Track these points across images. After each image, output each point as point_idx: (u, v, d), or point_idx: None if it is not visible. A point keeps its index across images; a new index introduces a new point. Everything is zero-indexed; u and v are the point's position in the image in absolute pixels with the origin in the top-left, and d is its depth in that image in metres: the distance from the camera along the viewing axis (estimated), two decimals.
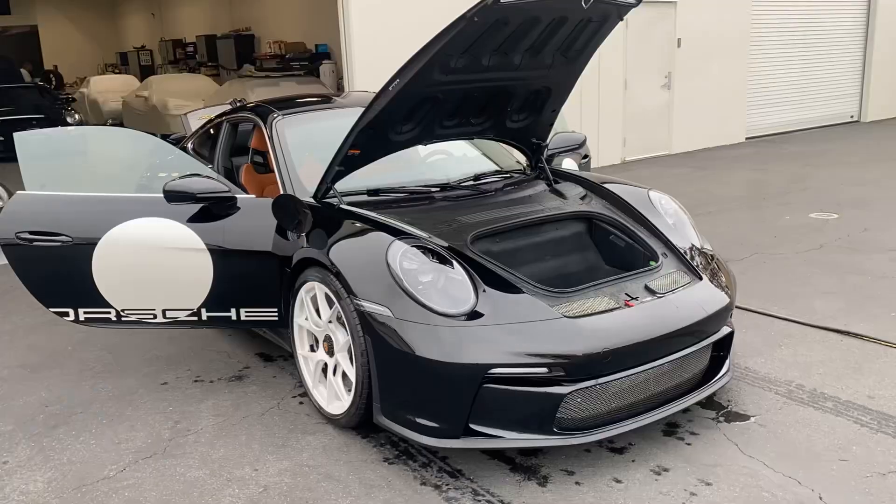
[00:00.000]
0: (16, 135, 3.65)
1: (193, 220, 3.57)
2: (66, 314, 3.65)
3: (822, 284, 5.07)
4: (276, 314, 3.67)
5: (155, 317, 3.66)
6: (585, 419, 2.97)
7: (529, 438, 2.90)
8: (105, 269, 3.55)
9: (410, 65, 3.13)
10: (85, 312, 3.65)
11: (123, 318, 3.67)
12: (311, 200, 3.61)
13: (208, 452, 3.26)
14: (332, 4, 8.87)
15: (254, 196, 3.84)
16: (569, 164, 5.09)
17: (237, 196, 3.65)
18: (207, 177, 3.62)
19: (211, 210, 3.58)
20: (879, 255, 5.66)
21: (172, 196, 3.49)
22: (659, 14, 10.85)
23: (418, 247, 3.11)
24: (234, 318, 3.68)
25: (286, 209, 3.44)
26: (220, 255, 3.56)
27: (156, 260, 3.56)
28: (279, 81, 11.97)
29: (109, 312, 3.65)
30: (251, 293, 3.64)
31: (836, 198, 7.66)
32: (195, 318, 3.67)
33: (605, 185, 3.98)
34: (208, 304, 3.62)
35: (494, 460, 3.09)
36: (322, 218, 3.45)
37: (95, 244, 3.52)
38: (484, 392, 2.84)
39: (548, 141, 4.20)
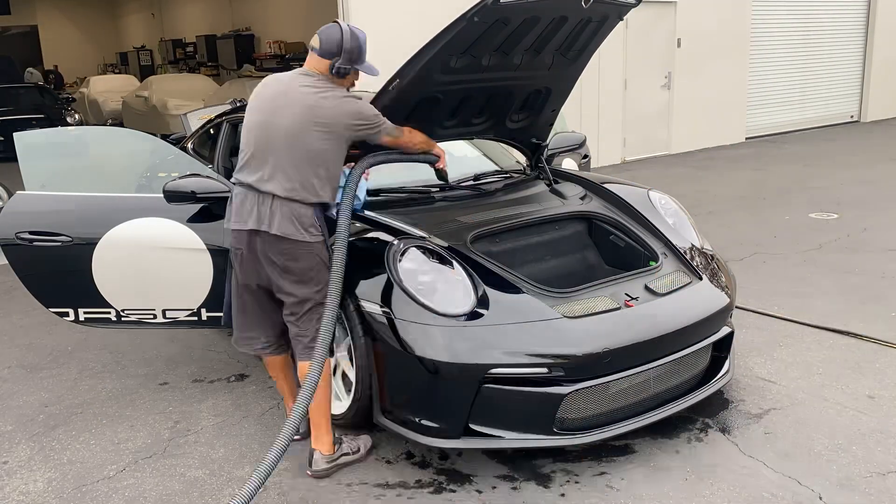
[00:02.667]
0: (16, 135, 3.65)
1: (193, 220, 3.57)
2: (66, 314, 3.65)
3: (821, 284, 5.07)
4: None
5: (155, 317, 3.66)
6: (585, 419, 2.97)
7: (529, 438, 2.90)
8: (105, 270, 3.55)
9: (410, 65, 3.13)
10: (85, 312, 3.65)
11: (123, 319, 3.67)
12: None
13: (208, 452, 3.26)
14: (332, 4, 8.87)
15: None
16: (569, 164, 5.09)
17: None
18: (207, 177, 3.61)
19: (211, 210, 3.58)
20: (879, 255, 5.66)
21: (172, 196, 3.49)
22: (659, 14, 10.85)
23: (418, 247, 3.11)
24: None
25: None
26: (220, 255, 3.56)
27: (156, 260, 3.56)
28: None
29: (109, 312, 3.65)
30: None
31: (836, 198, 7.66)
32: (195, 318, 3.67)
33: (605, 185, 3.97)
34: (208, 304, 3.62)
35: (494, 460, 3.09)
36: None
37: (95, 244, 3.52)
38: (484, 392, 2.83)
39: (548, 141, 4.19)
